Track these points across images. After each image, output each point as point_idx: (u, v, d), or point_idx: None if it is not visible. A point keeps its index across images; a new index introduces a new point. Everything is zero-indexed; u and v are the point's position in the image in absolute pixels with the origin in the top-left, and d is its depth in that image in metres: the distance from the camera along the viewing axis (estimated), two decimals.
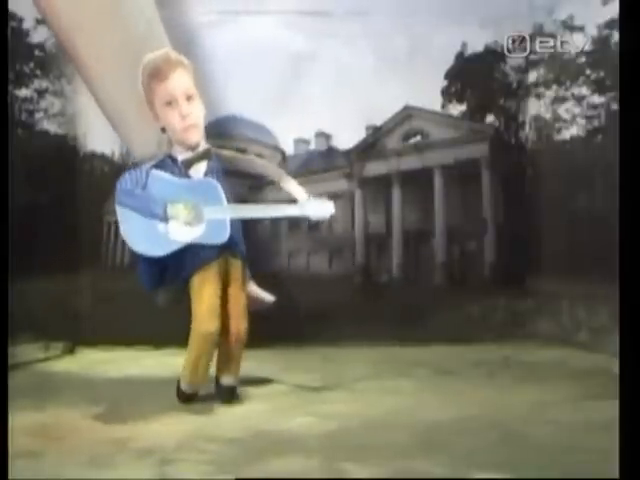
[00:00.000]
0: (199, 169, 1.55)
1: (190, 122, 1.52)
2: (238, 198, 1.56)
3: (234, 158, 1.63)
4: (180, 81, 1.51)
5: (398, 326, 2.76)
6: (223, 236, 1.47)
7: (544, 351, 2.42)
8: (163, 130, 1.55)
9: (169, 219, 1.48)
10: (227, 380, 1.57)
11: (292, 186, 1.58)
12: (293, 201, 1.55)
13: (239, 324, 1.53)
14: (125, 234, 1.50)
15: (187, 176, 1.54)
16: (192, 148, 1.55)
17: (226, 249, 1.52)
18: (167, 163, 1.54)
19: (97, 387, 1.84)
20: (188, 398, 1.56)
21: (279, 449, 1.18)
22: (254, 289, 1.70)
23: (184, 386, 1.55)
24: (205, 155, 1.57)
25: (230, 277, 1.54)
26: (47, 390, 1.75)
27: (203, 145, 1.57)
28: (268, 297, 1.73)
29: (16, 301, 1.55)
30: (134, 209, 1.49)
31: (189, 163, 1.54)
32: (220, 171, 1.57)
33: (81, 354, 2.44)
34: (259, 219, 1.63)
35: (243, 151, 1.80)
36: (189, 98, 1.52)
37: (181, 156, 1.55)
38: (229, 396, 1.56)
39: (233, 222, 1.50)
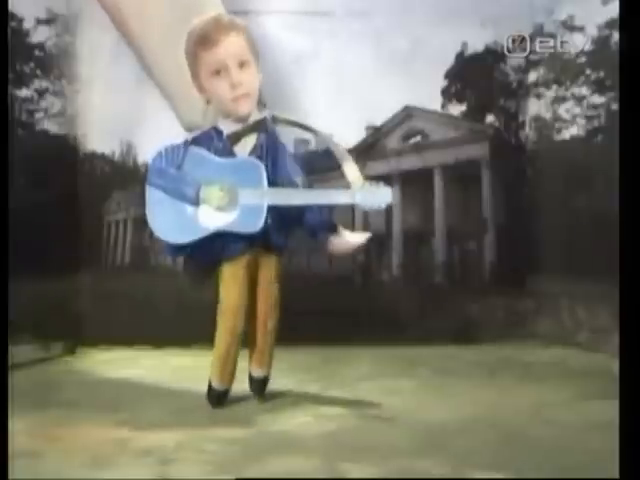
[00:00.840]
0: (247, 143, 1.42)
1: (241, 91, 1.37)
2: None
3: (296, 124, 1.50)
4: (232, 46, 1.36)
5: (398, 326, 2.76)
6: (256, 224, 1.34)
7: (544, 351, 2.42)
8: (208, 102, 1.43)
9: (201, 203, 1.36)
10: (257, 372, 1.53)
11: (350, 169, 1.41)
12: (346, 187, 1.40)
13: (266, 320, 1.47)
14: (149, 218, 1.39)
15: (231, 152, 1.40)
16: (242, 120, 1.41)
17: (259, 240, 1.39)
18: (211, 136, 1.41)
19: (97, 387, 1.84)
20: (219, 397, 1.49)
21: (279, 449, 1.18)
22: (347, 236, 1.45)
23: (215, 384, 1.48)
24: (256, 127, 1.42)
25: (261, 272, 1.45)
26: (47, 390, 1.75)
27: (255, 116, 1.43)
28: (357, 238, 1.46)
29: (16, 301, 1.55)
30: (164, 190, 1.37)
31: (236, 137, 1.41)
32: (274, 144, 1.43)
33: (81, 354, 2.43)
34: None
35: None
36: (242, 64, 1.38)
37: (228, 129, 1.41)
38: (260, 388, 1.54)
39: (276, 209, 1.37)
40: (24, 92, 3.09)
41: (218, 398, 1.49)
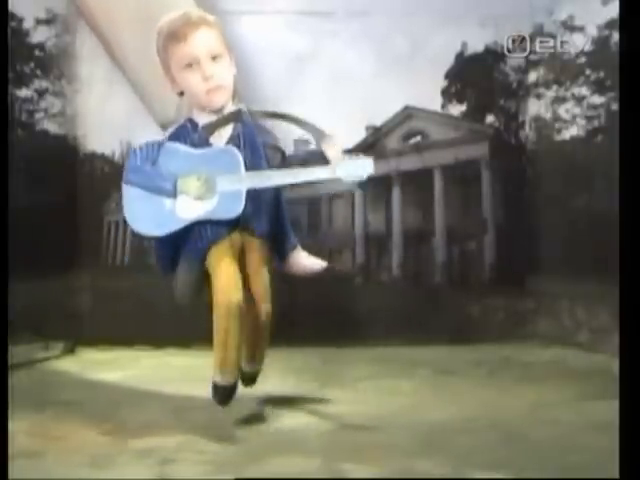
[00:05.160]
0: (223, 134, 1.41)
1: (214, 83, 1.37)
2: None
3: (273, 115, 1.48)
4: (203, 40, 1.36)
5: (398, 326, 2.76)
6: (236, 209, 1.32)
7: (544, 351, 2.42)
8: (181, 94, 1.42)
9: (179, 194, 1.34)
10: (248, 366, 1.47)
11: (329, 147, 1.38)
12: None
13: (260, 306, 1.39)
14: (127, 213, 1.37)
15: (207, 143, 1.39)
16: (217, 112, 1.40)
17: (239, 226, 1.38)
18: (186, 129, 1.41)
19: (97, 387, 1.84)
20: (225, 393, 1.36)
21: (279, 449, 1.18)
22: (303, 257, 1.53)
23: (218, 378, 1.35)
24: (231, 118, 1.41)
25: (247, 255, 1.40)
26: (47, 390, 1.75)
27: (230, 108, 1.43)
28: (318, 263, 1.53)
29: (16, 301, 1.55)
30: (141, 186, 1.35)
31: (211, 128, 1.39)
32: (250, 135, 1.42)
33: (81, 354, 2.44)
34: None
35: None
36: (215, 58, 1.37)
37: (203, 120, 1.40)
38: (250, 382, 1.50)
39: (256, 195, 1.36)
40: (24, 92, 3.08)
41: (223, 395, 1.37)
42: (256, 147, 1.42)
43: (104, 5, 1.67)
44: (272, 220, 1.46)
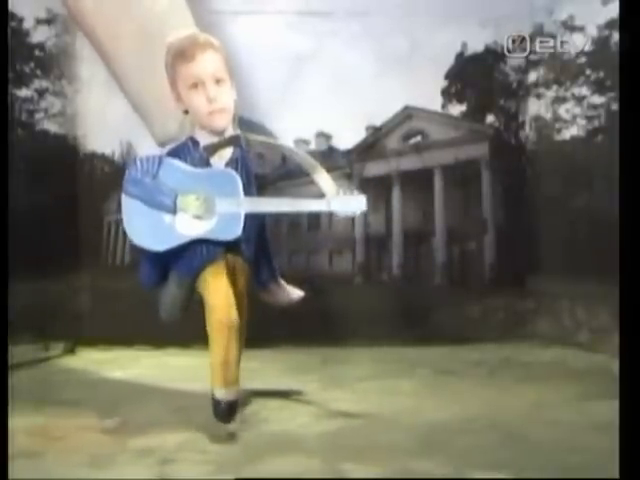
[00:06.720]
0: (222, 156, 1.43)
1: (217, 106, 1.39)
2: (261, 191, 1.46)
3: (267, 144, 1.54)
4: (208, 63, 1.39)
5: (398, 326, 2.76)
6: (235, 231, 1.35)
7: (544, 351, 2.42)
8: (186, 112, 1.45)
9: (178, 211, 1.37)
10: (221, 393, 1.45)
11: (323, 179, 1.43)
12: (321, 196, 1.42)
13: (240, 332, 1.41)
14: (127, 225, 1.39)
15: (207, 163, 1.41)
16: (218, 133, 1.43)
17: (232, 248, 1.41)
18: (187, 147, 1.43)
19: (97, 387, 1.84)
20: (229, 410, 1.35)
21: (279, 449, 1.18)
22: (283, 286, 1.59)
23: (220, 394, 1.35)
24: (231, 142, 1.44)
25: (235, 277, 1.44)
26: (47, 390, 1.75)
27: (230, 131, 1.45)
28: (296, 293, 1.59)
29: (16, 301, 1.55)
30: (140, 199, 1.38)
31: (212, 149, 1.43)
32: (246, 161, 1.45)
33: (81, 354, 2.44)
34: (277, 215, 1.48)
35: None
36: (218, 81, 1.40)
37: (204, 141, 1.42)
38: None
39: (248, 221, 1.38)
40: (24, 92, 3.09)
41: (228, 410, 1.36)
42: (250, 174, 1.45)
43: (104, 23, 1.68)
44: (257, 248, 1.50)
